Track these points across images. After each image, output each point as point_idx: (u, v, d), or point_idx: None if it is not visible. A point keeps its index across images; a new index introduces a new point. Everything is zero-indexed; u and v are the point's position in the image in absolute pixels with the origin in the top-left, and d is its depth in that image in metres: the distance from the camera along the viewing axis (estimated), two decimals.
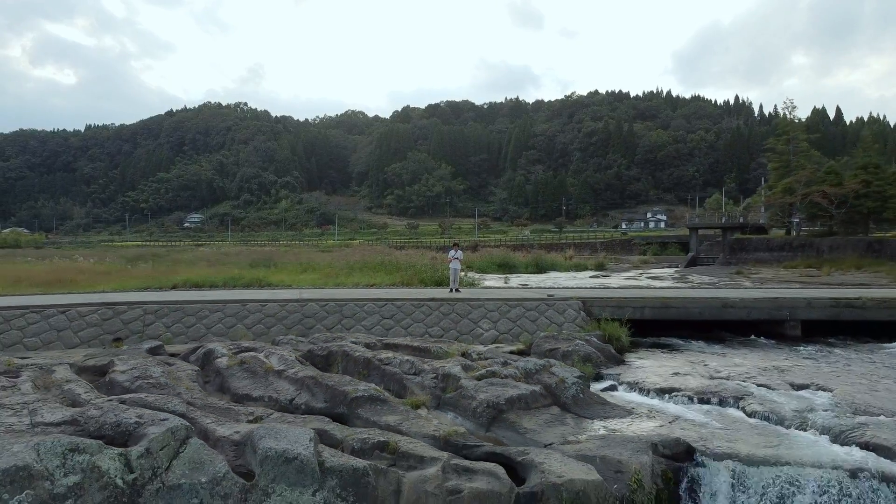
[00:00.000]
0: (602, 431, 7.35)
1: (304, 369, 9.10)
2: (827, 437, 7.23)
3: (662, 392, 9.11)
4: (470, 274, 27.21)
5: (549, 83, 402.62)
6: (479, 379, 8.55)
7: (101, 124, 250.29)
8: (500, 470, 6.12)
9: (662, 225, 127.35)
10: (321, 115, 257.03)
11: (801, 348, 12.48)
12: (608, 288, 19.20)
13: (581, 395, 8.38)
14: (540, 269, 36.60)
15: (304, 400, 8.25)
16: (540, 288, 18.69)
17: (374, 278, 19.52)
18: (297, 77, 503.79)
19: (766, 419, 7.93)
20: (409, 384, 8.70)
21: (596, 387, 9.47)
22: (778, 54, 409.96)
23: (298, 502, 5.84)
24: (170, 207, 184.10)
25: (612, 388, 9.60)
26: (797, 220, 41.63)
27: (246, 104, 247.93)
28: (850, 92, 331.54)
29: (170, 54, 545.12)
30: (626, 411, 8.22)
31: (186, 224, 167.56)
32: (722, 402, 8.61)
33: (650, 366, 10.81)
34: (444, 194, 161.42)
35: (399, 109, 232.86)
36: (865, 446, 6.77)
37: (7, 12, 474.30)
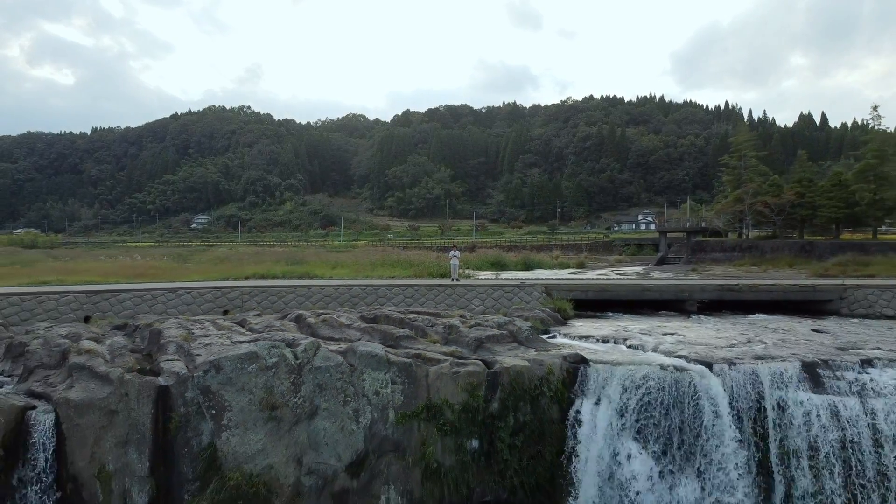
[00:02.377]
0: (539, 352, 13.07)
1: (363, 324, 14.82)
2: (663, 354, 12.96)
3: (582, 337, 14.86)
4: (466, 271, 32.84)
5: (548, 83, 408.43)
6: (470, 327, 14.28)
7: (106, 126, 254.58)
8: (480, 363, 11.87)
9: (652, 227, 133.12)
10: (322, 118, 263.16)
11: (691, 317, 18.22)
12: (567, 279, 24.90)
13: (531, 337, 14.10)
14: (528, 267, 42.24)
15: (366, 339, 13.94)
16: (518, 279, 24.42)
17: (393, 272, 25.26)
18: (295, 78, 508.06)
19: (635, 348, 13.68)
20: (428, 331, 14.40)
21: (543, 336, 15.18)
22: (776, 55, 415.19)
23: (377, 378, 11.56)
24: (176, 209, 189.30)
25: (554, 336, 15.32)
26: (746, 224, 47.74)
27: (249, 107, 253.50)
28: (849, 93, 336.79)
29: (168, 54, 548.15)
30: (557, 346, 13.94)
31: (194, 225, 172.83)
32: (615, 342, 14.36)
33: (583, 326, 16.55)
34: (443, 196, 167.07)
35: (399, 113, 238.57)
36: (677, 357, 12.51)
37: (5, 12, 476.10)
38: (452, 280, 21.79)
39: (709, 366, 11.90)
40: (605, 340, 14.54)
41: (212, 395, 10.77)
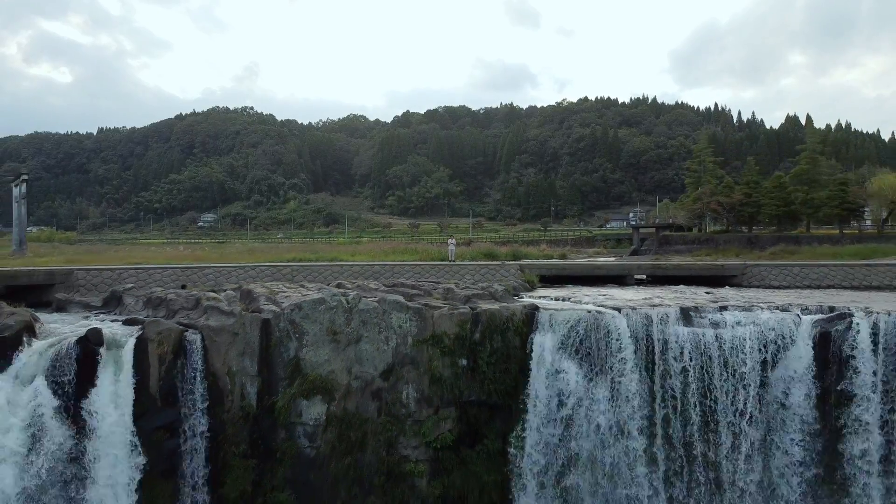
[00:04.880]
0: (508, 304, 19.19)
1: (386, 287, 20.94)
2: (592, 305, 19.09)
3: (541, 297, 21.00)
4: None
5: (547, 82, 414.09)
6: (461, 289, 20.42)
7: (111, 127, 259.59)
8: (468, 308, 18.02)
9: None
10: (323, 119, 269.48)
11: (629, 287, 24.33)
12: (538, 261, 31.10)
13: (504, 296, 20.22)
14: (516, 257, 47.80)
15: (391, 295, 20.03)
16: (500, 261, 30.62)
17: (403, 257, 31.27)
18: (293, 76, 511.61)
19: (576, 303, 19.81)
20: (432, 292, 20.48)
21: (514, 297, 21.31)
22: (775, 53, 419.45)
23: (400, 317, 17.66)
24: (182, 207, 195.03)
25: (521, 297, 21.46)
26: (706, 220, 54.33)
27: (252, 108, 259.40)
28: (848, 91, 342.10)
29: (166, 52, 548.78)
30: (522, 301, 20.06)
31: (200, 223, 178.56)
32: (563, 299, 20.50)
33: (544, 291, 22.67)
34: (442, 196, 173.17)
35: (399, 114, 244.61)
36: (601, 306, 18.63)
37: (2, 9, 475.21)
38: (451, 261, 27.90)
39: (618, 310, 17.99)
40: (556, 299, 20.69)
41: (296, 325, 16.88)
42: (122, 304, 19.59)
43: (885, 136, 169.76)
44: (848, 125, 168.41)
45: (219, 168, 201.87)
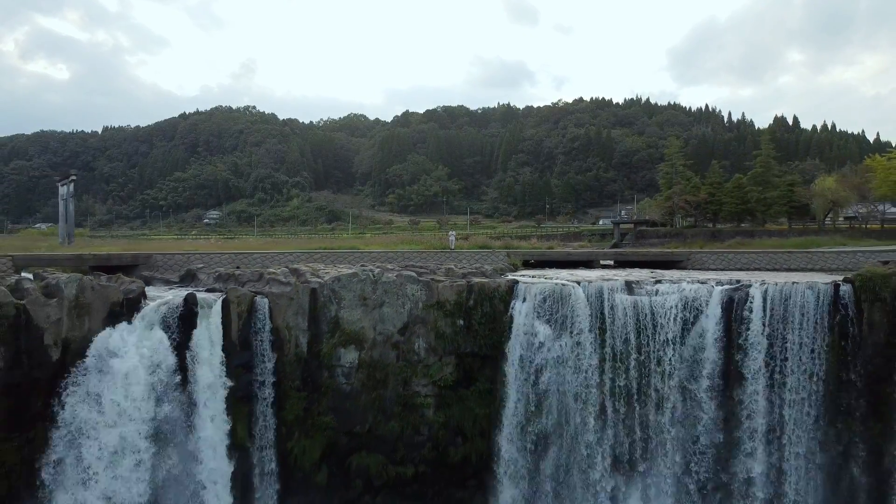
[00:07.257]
0: (495, 279, 24.91)
1: (400, 267, 26.65)
2: (563, 280, 24.82)
3: (522, 275, 26.72)
4: None
5: (545, 79, 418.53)
6: (459, 269, 26.14)
7: (116, 126, 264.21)
8: (464, 281, 23.76)
9: None
10: (325, 118, 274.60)
11: (595, 269, 30.03)
12: (523, 250, 36.89)
13: (492, 273, 25.93)
14: (507, 248, 54.15)
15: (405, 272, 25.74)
16: (493, 249, 36.38)
17: (411, 246, 36.96)
18: (290, 73, 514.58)
19: (549, 279, 25.55)
20: (437, 271, 26.18)
21: (501, 275, 27.01)
22: (773, 51, 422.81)
23: (413, 287, 23.38)
24: (188, 205, 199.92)
25: (506, 275, 27.17)
26: (677, 216, 60.50)
27: (254, 107, 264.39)
28: (846, 89, 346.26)
29: (164, 49, 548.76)
30: (506, 277, 25.78)
31: (206, 220, 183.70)
32: (539, 277, 26.22)
33: (526, 272, 28.39)
34: (440, 194, 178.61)
35: (399, 114, 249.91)
36: (566, 280, 24.37)
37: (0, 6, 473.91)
38: (451, 249, 33.65)
39: (578, 283, 23.68)
40: (533, 276, 26.41)
41: (336, 292, 22.57)
42: (197, 279, 25.24)
43: (871, 137, 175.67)
44: (833, 126, 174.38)
45: (223, 166, 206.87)
